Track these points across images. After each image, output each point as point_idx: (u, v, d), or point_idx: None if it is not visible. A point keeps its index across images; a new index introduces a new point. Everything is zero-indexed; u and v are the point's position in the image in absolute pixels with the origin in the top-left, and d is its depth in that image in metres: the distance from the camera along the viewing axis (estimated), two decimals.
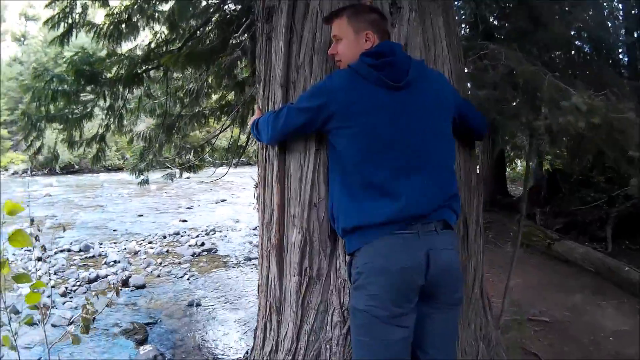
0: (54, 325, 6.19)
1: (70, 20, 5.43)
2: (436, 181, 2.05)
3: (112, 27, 5.42)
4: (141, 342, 5.60)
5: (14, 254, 10.13)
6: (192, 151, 7.53)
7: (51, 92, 5.36)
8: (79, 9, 5.43)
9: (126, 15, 5.46)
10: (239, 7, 5.63)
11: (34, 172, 6.02)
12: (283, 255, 2.65)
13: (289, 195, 2.61)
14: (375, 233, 1.96)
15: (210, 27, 5.77)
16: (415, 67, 2.08)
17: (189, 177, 8.67)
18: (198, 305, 6.66)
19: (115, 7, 5.57)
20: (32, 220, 3.22)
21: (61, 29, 5.36)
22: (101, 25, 5.49)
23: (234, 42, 5.49)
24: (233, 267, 8.56)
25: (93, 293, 7.39)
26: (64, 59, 5.40)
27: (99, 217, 15.22)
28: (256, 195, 3.12)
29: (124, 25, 5.48)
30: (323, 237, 2.48)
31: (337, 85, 2.09)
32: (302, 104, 2.23)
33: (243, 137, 7.70)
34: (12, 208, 2.14)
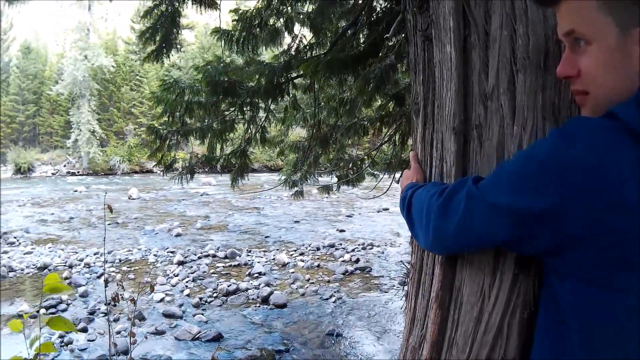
0: (177, 339, 7.03)
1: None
2: None
3: (244, 32, 5.63)
4: None
5: (155, 255, 11.70)
6: (351, 163, 7.82)
7: (185, 104, 5.80)
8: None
9: (259, 19, 5.64)
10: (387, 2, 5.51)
11: (195, 168, 6.98)
12: None
13: (452, 334, 1.89)
14: None
15: (357, 28, 5.65)
16: None
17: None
18: (339, 335, 6.99)
19: (248, 11, 5.72)
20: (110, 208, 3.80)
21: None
22: (232, 31, 5.70)
23: (389, 43, 5.29)
24: (385, 292, 8.83)
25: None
26: (197, 68, 5.71)
27: (253, 220, 16.72)
28: (406, 287, 2.59)
29: (258, 30, 5.68)
30: None
31: (586, 163, 1.07)
32: (502, 197, 1.24)
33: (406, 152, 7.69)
34: (53, 286, 2.12)
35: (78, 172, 44.66)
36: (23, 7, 6.07)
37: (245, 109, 6.13)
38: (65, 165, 46.00)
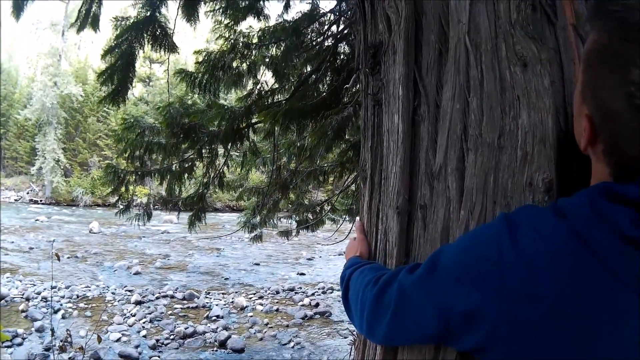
0: None
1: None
2: None
3: (207, 75, 5.66)
4: None
5: (113, 293, 11.48)
6: (311, 209, 7.84)
7: (145, 144, 5.75)
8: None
9: (223, 62, 5.66)
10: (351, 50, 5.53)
11: (156, 207, 6.87)
12: None
13: None
14: None
15: (319, 75, 5.77)
16: None
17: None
18: None
19: (212, 53, 5.77)
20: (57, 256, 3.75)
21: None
22: (196, 74, 5.71)
23: (349, 92, 5.44)
24: (345, 337, 8.67)
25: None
26: (159, 109, 5.72)
27: (213, 261, 16.53)
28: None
29: (221, 73, 5.70)
30: None
31: (524, 270, 1.02)
32: (433, 292, 1.18)
33: None
34: None
35: (41, 200, 43.82)
36: None
37: (204, 152, 6.09)
38: (28, 193, 45.21)
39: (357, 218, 2.30)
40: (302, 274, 14.26)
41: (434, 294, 1.17)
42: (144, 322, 9.47)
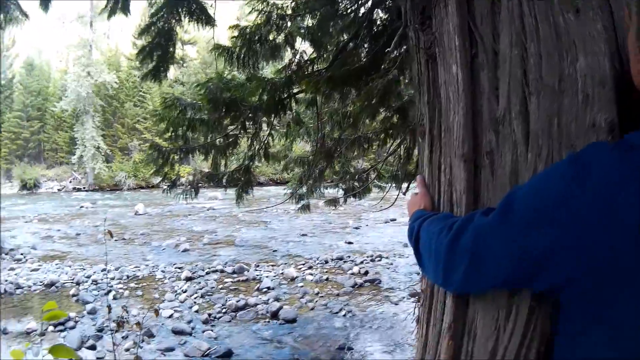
0: (186, 356, 7.00)
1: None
2: None
3: (244, 48, 5.61)
4: None
5: (162, 271, 11.70)
6: (356, 176, 7.81)
7: (187, 121, 5.77)
8: None
9: (259, 34, 5.62)
10: (388, 15, 5.46)
11: (200, 184, 6.99)
12: None
13: None
14: None
15: (358, 41, 5.62)
16: None
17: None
18: (350, 349, 6.94)
19: (247, 27, 5.70)
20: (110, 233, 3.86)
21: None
22: (232, 48, 5.67)
23: (390, 56, 5.28)
24: (395, 304, 8.79)
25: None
26: (198, 86, 5.70)
27: (261, 234, 16.79)
28: (417, 319, 2.40)
29: (258, 45, 5.65)
30: None
31: (595, 205, 1.05)
32: (511, 233, 1.20)
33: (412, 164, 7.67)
34: (52, 315, 2.09)
35: (84, 187, 44.99)
36: (25, 23, 6.06)
37: (247, 125, 6.11)
38: (71, 181, 46.35)
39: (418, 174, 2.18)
40: (350, 242, 14.34)
41: (510, 236, 1.20)
42: (195, 298, 9.68)
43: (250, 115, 5.86)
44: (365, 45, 5.72)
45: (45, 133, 50.01)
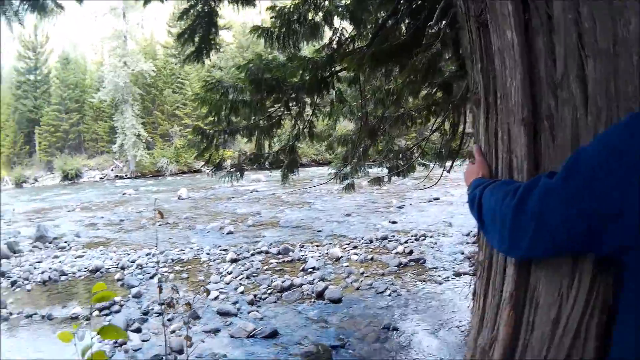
0: (232, 337, 7.12)
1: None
2: None
3: (284, 28, 5.71)
4: None
5: (207, 254, 11.91)
6: (400, 154, 7.81)
7: (230, 103, 5.86)
8: None
9: (298, 14, 5.68)
10: None
11: (244, 166, 7.14)
12: None
13: (526, 336, 1.79)
14: None
15: (398, 17, 5.58)
16: None
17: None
18: (395, 329, 6.96)
19: (285, 7, 5.76)
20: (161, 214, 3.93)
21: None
22: (272, 28, 5.78)
23: (430, 31, 5.28)
24: (440, 284, 8.76)
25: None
26: (239, 68, 5.74)
27: (305, 215, 16.89)
28: (473, 292, 2.38)
29: (297, 25, 5.73)
30: None
31: None
32: (578, 194, 1.21)
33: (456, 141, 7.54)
34: (101, 296, 2.16)
35: (126, 175, 46.03)
36: (57, 19, 6.21)
37: (291, 105, 6.17)
38: (112, 170, 47.36)
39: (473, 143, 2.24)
40: (394, 222, 14.31)
41: (576, 197, 1.21)
42: (240, 279, 9.82)
43: (292, 95, 5.92)
44: (405, 22, 5.71)
45: (85, 124, 51.20)
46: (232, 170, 6.69)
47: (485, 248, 2.07)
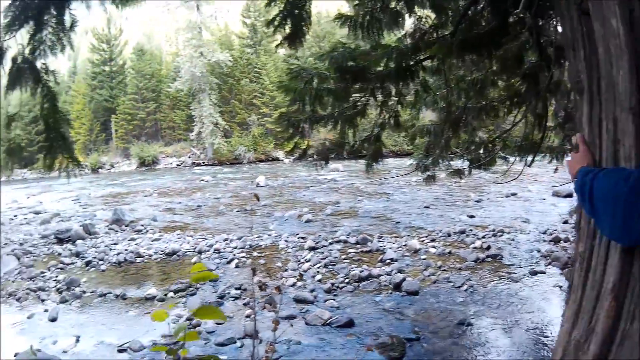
0: (308, 324, 7.21)
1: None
2: None
3: (367, 16, 5.68)
4: None
5: (285, 241, 12.13)
6: (482, 147, 7.72)
7: (314, 91, 5.87)
8: None
9: (381, 2, 5.66)
10: None
11: (328, 154, 7.36)
12: None
13: (625, 327, 1.77)
14: None
15: (483, 4, 5.58)
16: None
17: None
18: (469, 325, 6.92)
19: None
20: (257, 197, 3.98)
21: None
22: (355, 17, 5.75)
23: (514, 20, 5.19)
24: (516, 282, 8.62)
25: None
26: (322, 55, 5.83)
27: (383, 206, 16.93)
28: (569, 285, 2.36)
29: (380, 14, 5.70)
30: None
31: None
32: None
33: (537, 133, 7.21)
34: (200, 276, 2.16)
35: (203, 162, 47.15)
36: (130, 13, 6.41)
37: (377, 93, 6.16)
38: (189, 157, 48.63)
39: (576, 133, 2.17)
40: (472, 216, 14.16)
41: None
42: (318, 267, 9.94)
43: (378, 83, 5.93)
44: (487, 10, 5.69)
45: (162, 112, 52.81)
46: (317, 158, 6.75)
47: (585, 239, 2.05)
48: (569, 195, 15.59)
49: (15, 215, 20.28)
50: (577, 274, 2.15)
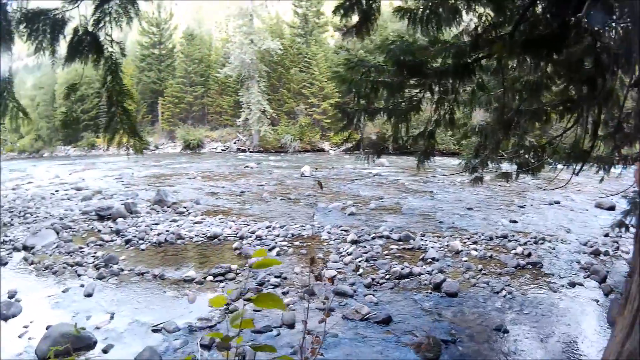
0: (345, 318, 7.28)
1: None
2: None
3: (427, 10, 5.66)
4: None
5: (328, 232, 12.26)
6: (531, 151, 7.69)
7: (371, 83, 5.86)
8: None
9: None
10: None
11: (380, 148, 7.37)
12: None
13: None
14: None
15: (545, 5, 5.51)
16: None
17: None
18: (506, 332, 6.93)
19: None
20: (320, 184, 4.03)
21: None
22: (415, 10, 5.71)
23: (572, 23, 5.13)
24: (554, 292, 8.58)
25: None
26: (380, 47, 5.80)
27: (427, 204, 16.96)
28: (625, 297, 2.37)
29: (441, 9, 5.66)
30: None
31: None
32: None
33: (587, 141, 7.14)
34: (262, 263, 2.22)
35: (248, 149, 47.79)
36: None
37: (434, 89, 6.19)
38: (235, 142, 49.26)
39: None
40: (514, 221, 14.07)
41: None
42: (359, 261, 10.03)
43: (436, 79, 5.95)
44: (552, 10, 5.55)
45: (209, 97, 53.69)
46: (369, 151, 6.86)
47: None
48: (612, 208, 15.45)
49: (56, 191, 20.98)
50: (635, 285, 2.18)
